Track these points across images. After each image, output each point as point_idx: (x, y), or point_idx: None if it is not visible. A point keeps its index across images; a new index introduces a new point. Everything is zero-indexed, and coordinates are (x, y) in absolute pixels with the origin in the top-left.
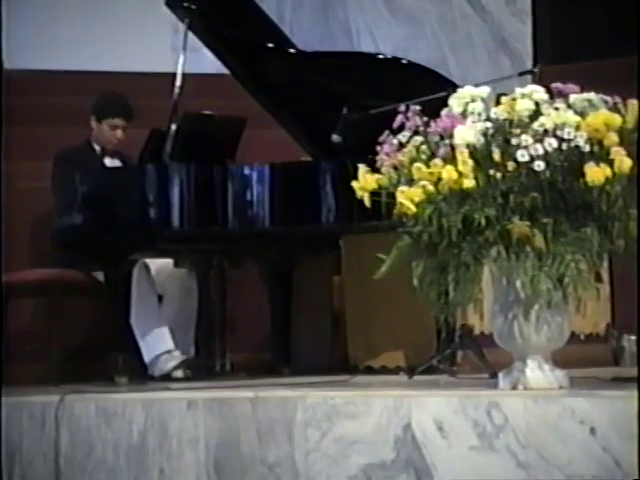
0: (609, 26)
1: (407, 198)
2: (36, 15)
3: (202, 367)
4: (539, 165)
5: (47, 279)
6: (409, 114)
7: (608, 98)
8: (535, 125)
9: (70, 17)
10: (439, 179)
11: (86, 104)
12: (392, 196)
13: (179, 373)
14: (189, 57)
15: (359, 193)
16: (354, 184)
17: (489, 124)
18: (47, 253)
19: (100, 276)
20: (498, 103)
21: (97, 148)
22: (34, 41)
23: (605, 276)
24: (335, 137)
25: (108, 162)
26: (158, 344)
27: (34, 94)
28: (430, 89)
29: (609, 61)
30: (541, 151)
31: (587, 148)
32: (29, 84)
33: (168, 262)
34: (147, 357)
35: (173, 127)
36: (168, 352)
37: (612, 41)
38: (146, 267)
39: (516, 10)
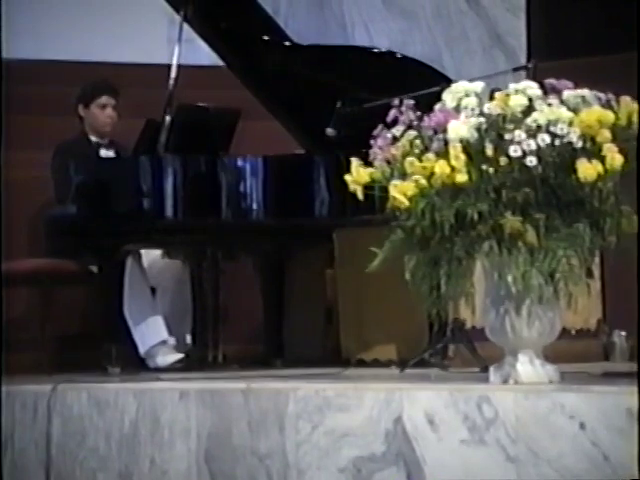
0: (603, 22)
1: (400, 192)
2: (32, 5)
3: (195, 358)
4: (531, 161)
5: (40, 269)
6: (403, 108)
7: (602, 95)
8: (528, 121)
9: (66, 7)
10: (432, 173)
11: None
12: (385, 190)
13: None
14: (184, 48)
15: (352, 186)
16: (347, 177)
17: (482, 119)
18: (43, 243)
19: (94, 267)
20: (492, 98)
21: (93, 139)
22: (30, 31)
23: (596, 272)
24: (329, 130)
25: (103, 153)
26: (152, 334)
27: (29, 84)
28: (424, 83)
29: (603, 57)
30: (534, 147)
31: (580, 144)
32: (25, 74)
33: (161, 254)
34: (142, 348)
35: (168, 118)
36: (163, 342)
37: (606, 37)
38: (139, 258)
39: (510, 5)
